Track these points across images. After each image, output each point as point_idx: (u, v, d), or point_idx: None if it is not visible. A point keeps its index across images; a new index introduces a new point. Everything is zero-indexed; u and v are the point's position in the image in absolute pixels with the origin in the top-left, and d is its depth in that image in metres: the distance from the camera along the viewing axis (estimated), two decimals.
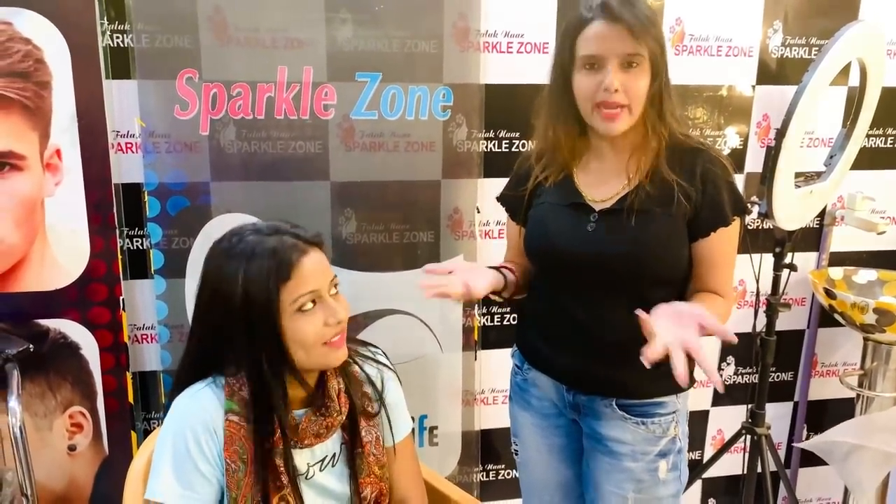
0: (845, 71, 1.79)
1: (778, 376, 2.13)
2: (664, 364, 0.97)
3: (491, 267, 1.29)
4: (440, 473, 1.60)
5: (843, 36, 1.47)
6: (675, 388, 1.20)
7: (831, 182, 1.73)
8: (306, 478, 1.10)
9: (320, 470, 1.12)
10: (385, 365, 1.23)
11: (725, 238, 1.18)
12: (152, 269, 1.65)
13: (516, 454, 1.44)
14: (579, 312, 1.21)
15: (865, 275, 1.98)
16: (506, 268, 1.31)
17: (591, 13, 1.12)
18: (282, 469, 1.05)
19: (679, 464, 1.26)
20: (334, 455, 1.13)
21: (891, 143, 1.99)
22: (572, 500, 1.38)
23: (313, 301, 1.02)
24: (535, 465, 1.40)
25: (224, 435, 1.03)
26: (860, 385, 1.90)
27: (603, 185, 1.22)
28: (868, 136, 1.95)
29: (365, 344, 1.26)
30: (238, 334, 1.01)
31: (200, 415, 1.03)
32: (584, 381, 1.25)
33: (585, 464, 1.32)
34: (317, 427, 1.08)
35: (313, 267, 1.02)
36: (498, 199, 1.40)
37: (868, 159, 1.98)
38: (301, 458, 1.09)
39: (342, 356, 1.07)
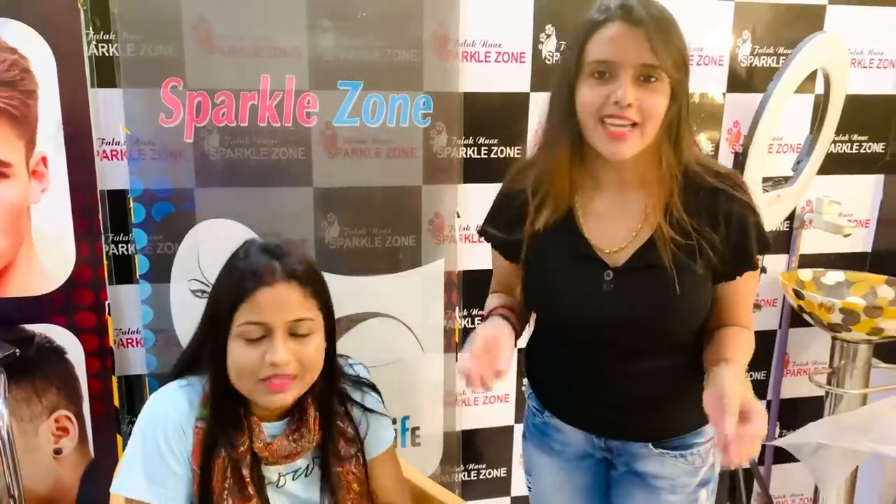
0: (812, 79, 1.86)
1: (751, 376, 2.19)
2: (697, 397, 0.97)
3: (498, 314, 1.15)
4: (423, 473, 1.63)
5: (805, 46, 1.54)
6: (706, 417, 1.06)
7: (798, 186, 1.79)
8: (277, 486, 1.11)
9: (293, 479, 1.13)
10: (369, 385, 1.22)
11: (750, 277, 1.09)
12: (137, 274, 1.67)
13: (529, 490, 1.36)
14: (604, 368, 1.13)
15: (834, 276, 2.04)
16: (508, 315, 1.15)
17: (607, 14, 0.98)
18: (248, 479, 1.06)
19: (716, 488, 1.22)
20: (308, 467, 1.14)
21: (856, 149, 2.06)
22: None
23: (263, 334, 1.01)
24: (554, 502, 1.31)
25: (193, 439, 1.05)
26: (829, 383, 1.96)
27: (609, 229, 1.08)
28: (835, 141, 2.02)
29: (349, 362, 1.24)
30: (204, 335, 1.06)
31: (172, 415, 1.06)
32: (617, 430, 1.18)
33: (617, 498, 1.25)
34: (286, 451, 1.09)
35: (272, 300, 1.01)
36: (481, 233, 1.24)
37: (835, 164, 2.04)
38: (273, 468, 1.10)
39: (278, 402, 1.04)
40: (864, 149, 2.07)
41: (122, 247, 1.69)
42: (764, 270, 1.82)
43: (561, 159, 1.06)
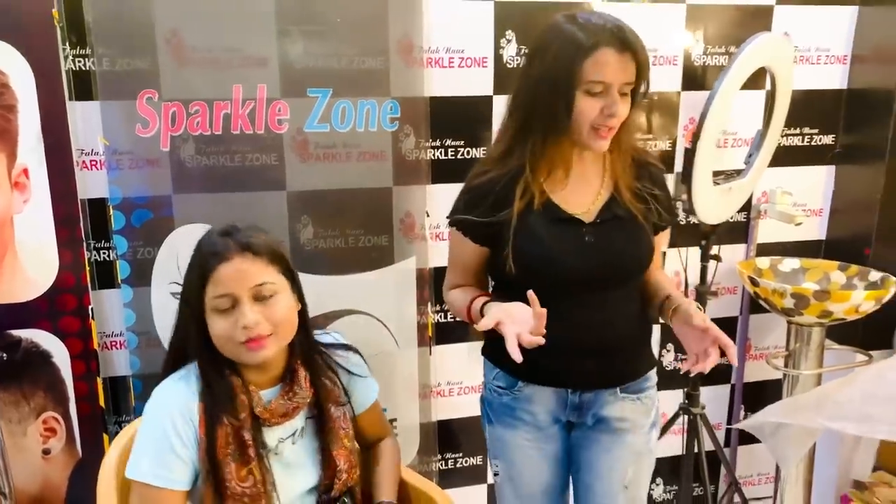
0: (763, 76, 1.95)
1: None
2: (647, 343, 1.38)
3: (482, 300, 1.32)
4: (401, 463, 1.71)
5: (749, 45, 1.62)
6: (653, 363, 1.43)
7: (750, 178, 1.88)
8: (276, 452, 1.22)
9: (292, 443, 1.24)
10: (347, 347, 1.38)
11: (665, 237, 1.45)
12: (119, 279, 1.74)
13: (496, 475, 1.49)
14: (584, 318, 1.31)
15: (790, 263, 2.14)
16: (486, 295, 1.35)
17: (598, 38, 1.16)
18: (249, 443, 1.16)
19: (657, 433, 1.45)
20: (302, 429, 1.26)
21: (808, 141, 2.16)
22: (552, 500, 1.46)
23: (232, 303, 1.13)
24: (526, 479, 1.44)
25: (199, 416, 1.15)
26: (786, 365, 2.06)
27: (576, 196, 1.31)
28: (787, 134, 2.12)
29: (326, 332, 1.40)
30: (184, 321, 1.17)
31: (176, 403, 1.16)
32: (592, 379, 1.36)
33: (582, 448, 1.42)
34: (284, 409, 1.21)
35: (231, 273, 1.13)
36: (456, 223, 1.37)
37: (788, 156, 2.14)
38: (273, 434, 1.21)
39: (259, 358, 1.16)
40: (815, 141, 2.17)
41: (104, 253, 1.75)
42: (719, 259, 1.91)
43: (563, 151, 1.28)
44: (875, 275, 1.99)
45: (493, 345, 1.43)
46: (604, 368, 1.35)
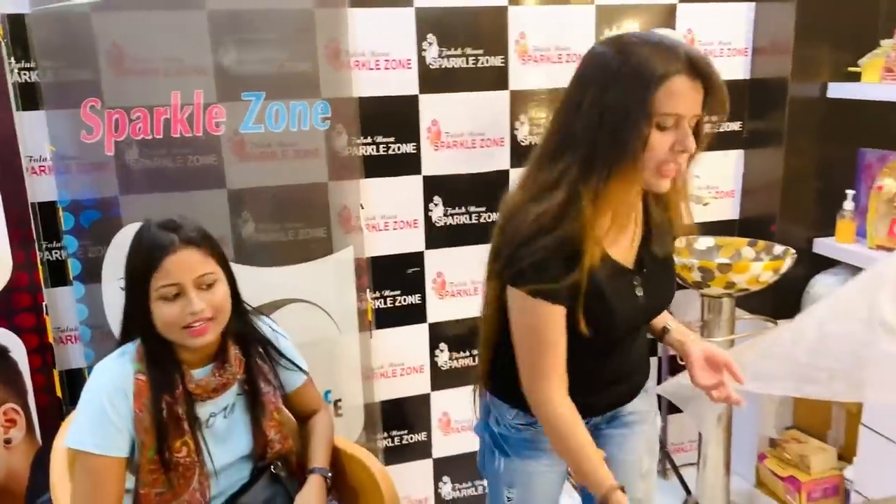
0: None
1: None
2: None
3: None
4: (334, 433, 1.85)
5: None
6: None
7: None
8: (207, 425, 1.34)
9: (224, 417, 1.37)
10: (277, 332, 1.51)
11: None
12: (71, 276, 1.85)
13: (509, 500, 1.42)
14: (630, 353, 1.31)
15: (705, 241, 2.31)
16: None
17: (675, 65, 1.03)
18: (183, 417, 1.29)
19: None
20: (233, 404, 1.38)
21: (714, 128, 2.34)
22: None
23: (178, 292, 1.25)
24: (541, 499, 1.42)
25: (133, 391, 1.27)
26: (702, 335, 2.22)
27: (621, 243, 1.22)
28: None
29: (260, 317, 1.51)
30: (129, 307, 1.28)
31: (112, 379, 1.28)
32: (621, 400, 1.37)
33: (600, 443, 1.36)
34: (214, 384, 1.33)
35: (177, 264, 1.24)
36: (544, 296, 1.13)
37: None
38: (205, 409, 1.34)
39: (201, 342, 1.28)
40: (724, 128, 2.35)
41: (56, 252, 1.87)
42: None
43: (627, 194, 1.13)
44: (779, 248, 2.17)
45: (509, 385, 1.27)
46: (629, 389, 1.37)
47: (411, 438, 2.30)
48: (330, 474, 1.49)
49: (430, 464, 2.34)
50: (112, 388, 1.27)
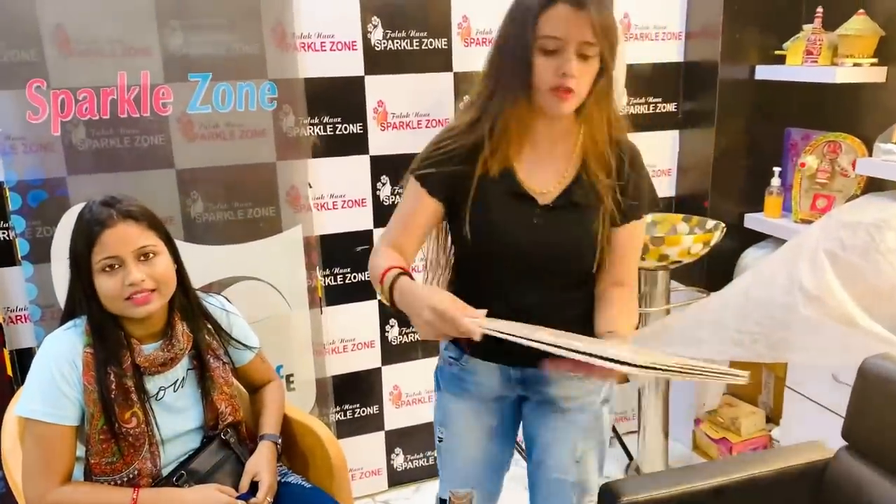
0: None
1: None
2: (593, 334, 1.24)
3: (396, 271, 1.22)
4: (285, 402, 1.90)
5: None
6: None
7: None
8: (157, 398, 1.39)
9: (174, 391, 1.41)
10: (227, 310, 1.55)
11: (635, 230, 1.30)
12: (19, 256, 1.87)
13: (440, 441, 1.49)
14: (527, 297, 1.28)
15: None
16: (401, 272, 1.23)
17: None
18: (132, 389, 1.34)
19: (614, 407, 1.44)
20: (183, 379, 1.43)
21: (653, 109, 2.44)
22: (495, 474, 1.51)
23: (118, 264, 1.30)
24: (467, 449, 1.46)
25: (82, 363, 1.31)
26: (640, 305, 2.33)
27: (540, 174, 1.27)
28: (634, 104, 2.39)
29: (210, 294, 1.57)
30: (74, 283, 1.32)
31: (62, 350, 1.32)
32: (533, 357, 1.22)
33: (531, 425, 1.43)
34: (162, 359, 1.38)
35: (115, 237, 1.29)
36: (415, 173, 1.31)
37: (637, 123, 2.41)
38: (154, 382, 1.39)
39: (144, 312, 1.32)
40: (660, 109, 2.45)
41: (3, 232, 1.88)
42: None
43: (519, 113, 1.23)
44: (710, 223, 2.28)
45: None
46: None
47: (363, 412, 2.36)
48: (280, 440, 1.55)
49: (381, 436, 2.41)
50: (62, 359, 1.31)
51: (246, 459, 1.48)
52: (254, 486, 1.44)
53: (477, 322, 1.08)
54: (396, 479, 2.47)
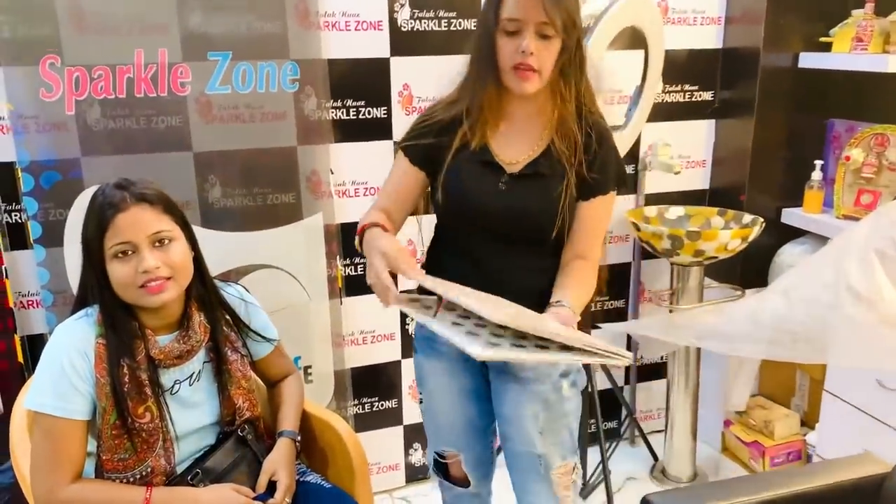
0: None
1: (612, 304, 2.47)
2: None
3: (375, 224, 1.34)
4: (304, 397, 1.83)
5: (613, 7, 1.77)
6: None
7: (629, 131, 2.05)
8: (171, 392, 1.32)
9: (189, 385, 1.34)
10: (246, 300, 1.48)
11: (601, 206, 1.37)
12: (31, 240, 1.81)
13: (421, 402, 1.58)
14: (492, 261, 1.37)
15: (675, 211, 2.32)
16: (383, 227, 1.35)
17: None
18: (146, 383, 1.27)
19: (577, 381, 1.45)
20: (199, 372, 1.36)
21: (689, 98, 2.34)
22: (477, 437, 1.55)
23: (131, 250, 1.23)
24: (443, 409, 1.53)
25: (94, 355, 1.24)
26: (671, 302, 2.25)
27: (512, 146, 1.36)
28: (669, 91, 2.29)
29: (229, 283, 1.50)
30: (86, 270, 1.25)
31: (73, 341, 1.25)
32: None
33: (496, 398, 1.47)
34: (178, 351, 1.31)
35: (129, 222, 1.22)
36: (402, 145, 1.44)
37: (672, 112, 2.32)
38: (170, 375, 1.32)
39: (159, 300, 1.25)
40: (696, 97, 2.35)
41: (15, 215, 1.82)
42: None
43: (490, 94, 1.34)
44: (747, 217, 2.19)
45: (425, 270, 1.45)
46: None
47: (382, 405, 2.30)
48: (299, 437, 1.49)
49: (400, 431, 2.34)
50: (73, 350, 1.24)
51: (263, 457, 1.42)
52: (271, 486, 1.38)
53: (417, 271, 1.23)
54: (414, 474, 2.40)
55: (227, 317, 1.44)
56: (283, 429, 1.48)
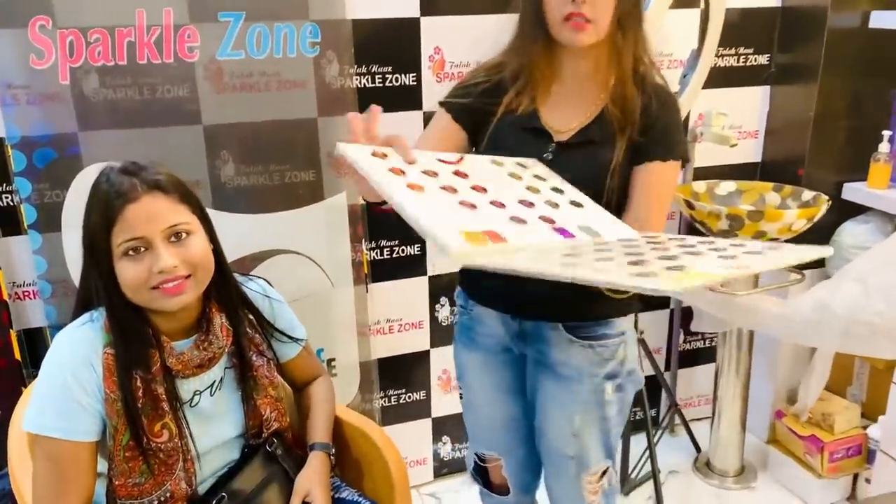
0: None
1: None
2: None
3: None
4: (342, 402, 1.68)
5: None
6: (622, 310, 1.27)
7: (685, 98, 1.85)
8: (191, 405, 1.16)
9: (210, 395, 1.18)
10: (270, 297, 1.32)
11: (658, 172, 1.20)
12: (25, 225, 1.62)
13: (461, 397, 1.48)
14: None
15: (726, 186, 2.14)
16: None
17: None
18: (162, 397, 1.10)
19: (625, 385, 1.30)
20: (220, 380, 1.20)
21: (742, 62, 2.13)
22: (518, 438, 1.42)
23: (144, 247, 1.05)
24: (482, 404, 1.43)
25: (102, 367, 1.07)
26: (722, 286, 2.07)
27: (564, 112, 1.23)
28: (722, 55, 2.08)
29: (250, 277, 1.33)
30: (89, 269, 1.06)
31: (78, 350, 1.08)
32: (530, 305, 1.26)
33: (532, 391, 1.35)
34: (198, 360, 1.15)
35: (141, 214, 1.04)
36: (443, 103, 1.31)
37: (723, 77, 2.11)
38: (188, 386, 1.15)
39: (177, 303, 1.08)
40: (751, 61, 2.14)
41: (6, 197, 1.63)
42: None
43: (540, 52, 1.21)
44: (808, 194, 2.00)
45: None
46: (543, 298, 1.22)
47: (409, 397, 2.14)
48: (333, 450, 1.32)
49: (428, 423, 2.19)
50: (78, 362, 1.07)
51: (294, 473, 1.26)
52: None
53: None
54: (443, 469, 2.25)
55: (251, 317, 1.27)
56: (315, 440, 1.31)
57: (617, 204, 1.20)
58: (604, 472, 1.34)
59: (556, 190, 1.14)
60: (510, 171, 1.14)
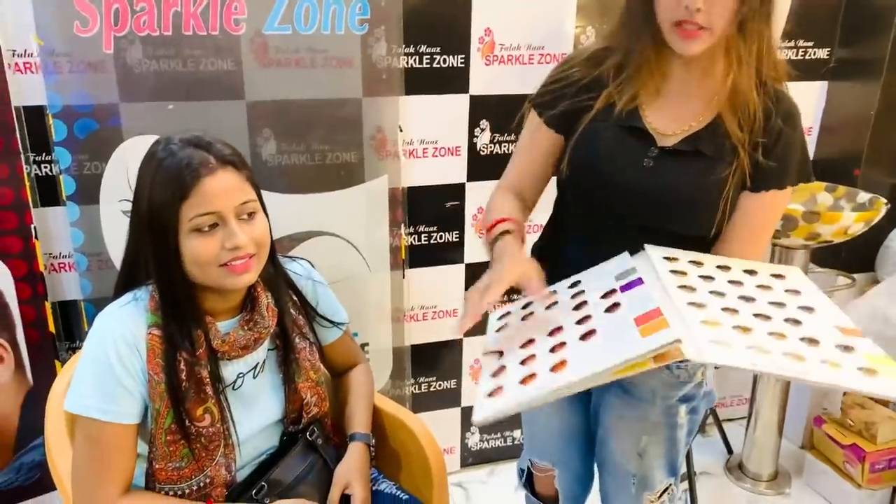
0: None
1: None
2: None
3: (506, 226, 1.13)
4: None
5: None
6: None
7: None
8: (234, 388, 1.13)
9: (253, 378, 1.15)
10: (314, 279, 1.29)
11: (772, 202, 1.09)
12: (64, 196, 1.59)
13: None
14: (616, 249, 1.08)
15: None
16: (508, 230, 1.13)
17: None
18: (207, 381, 1.07)
19: (699, 407, 1.22)
20: (263, 362, 1.17)
21: (802, 55, 2.05)
22: (576, 450, 1.36)
23: (218, 222, 1.02)
24: (543, 413, 1.35)
25: (147, 348, 1.04)
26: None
27: (670, 114, 1.11)
28: (781, 48, 2.00)
29: (293, 258, 1.30)
30: (144, 244, 1.04)
31: (121, 330, 1.04)
32: None
33: (597, 405, 1.29)
34: (244, 340, 1.11)
35: (217, 188, 1.01)
36: (535, 104, 1.20)
37: None
38: (232, 368, 1.12)
39: (243, 282, 1.06)
40: (810, 55, 2.06)
41: (45, 167, 1.60)
42: None
43: (646, 52, 1.09)
44: (863, 196, 1.93)
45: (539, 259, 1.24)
46: None
47: (440, 385, 2.10)
48: (373, 441, 1.29)
49: (458, 413, 2.15)
50: (122, 342, 1.03)
51: (334, 464, 1.22)
52: (344, 497, 1.19)
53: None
54: (470, 458, 2.22)
55: (294, 298, 1.23)
56: (354, 431, 1.28)
57: (713, 227, 1.08)
58: (665, 490, 1.27)
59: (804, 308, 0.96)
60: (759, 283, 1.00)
